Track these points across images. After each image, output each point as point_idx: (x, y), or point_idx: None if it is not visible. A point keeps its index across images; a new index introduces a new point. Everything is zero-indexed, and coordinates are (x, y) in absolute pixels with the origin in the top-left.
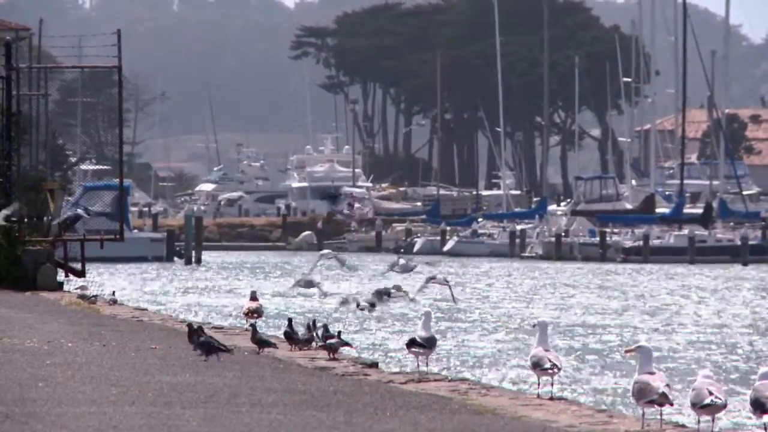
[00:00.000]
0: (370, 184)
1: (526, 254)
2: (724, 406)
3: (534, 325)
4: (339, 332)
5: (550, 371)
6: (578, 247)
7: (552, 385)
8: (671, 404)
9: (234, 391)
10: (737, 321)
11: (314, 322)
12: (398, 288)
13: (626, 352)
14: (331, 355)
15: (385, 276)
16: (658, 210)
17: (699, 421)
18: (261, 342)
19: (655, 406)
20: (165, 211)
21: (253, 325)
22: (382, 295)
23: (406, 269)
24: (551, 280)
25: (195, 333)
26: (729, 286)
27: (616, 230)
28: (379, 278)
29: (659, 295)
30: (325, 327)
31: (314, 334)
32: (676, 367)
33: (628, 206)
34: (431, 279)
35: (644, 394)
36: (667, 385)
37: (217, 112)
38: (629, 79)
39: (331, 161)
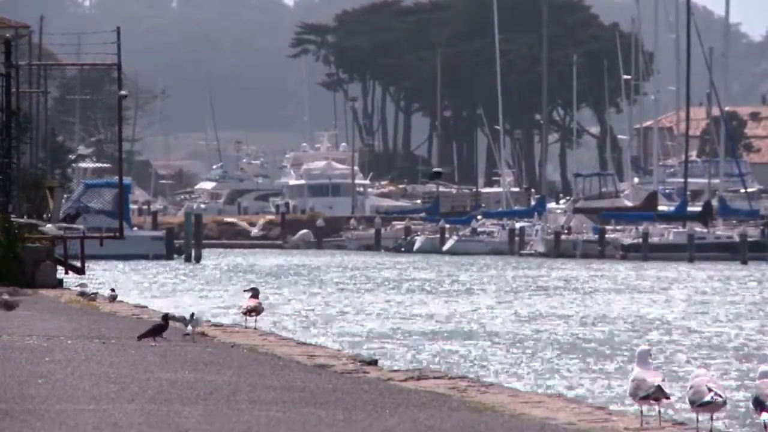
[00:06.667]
0: (368, 182)
1: (526, 252)
2: (725, 403)
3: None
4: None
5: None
6: (581, 245)
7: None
8: (667, 398)
9: (233, 389)
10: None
11: (192, 314)
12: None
13: None
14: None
15: None
16: (660, 208)
17: (698, 419)
18: None
19: (650, 401)
20: (164, 208)
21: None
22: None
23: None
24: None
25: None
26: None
27: (619, 228)
28: None
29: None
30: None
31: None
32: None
33: (628, 203)
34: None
35: (639, 390)
36: (663, 380)
37: (216, 110)
38: (629, 77)
39: (327, 158)
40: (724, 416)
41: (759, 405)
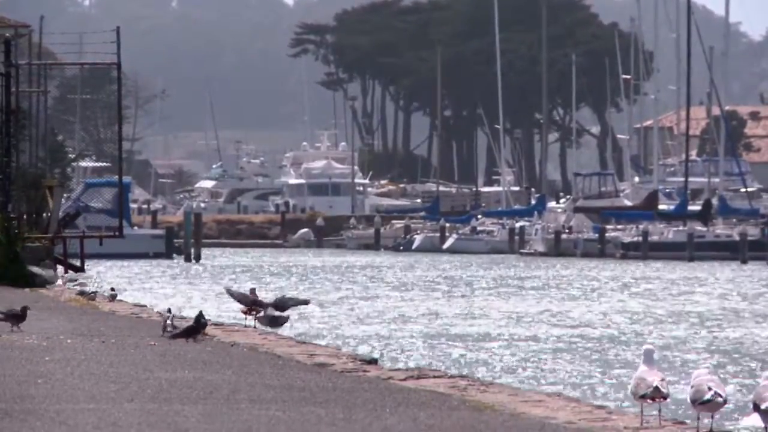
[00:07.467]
0: (367, 181)
1: (526, 251)
2: (725, 402)
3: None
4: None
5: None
6: (582, 243)
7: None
8: (664, 398)
9: (233, 388)
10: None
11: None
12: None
13: None
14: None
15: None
16: (660, 207)
17: (699, 418)
18: None
19: (648, 400)
20: (164, 208)
21: None
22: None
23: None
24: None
25: None
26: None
27: (620, 227)
28: None
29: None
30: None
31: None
32: (678, 364)
33: (627, 203)
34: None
35: (638, 390)
36: (663, 380)
37: (216, 110)
38: (628, 76)
39: (327, 158)
40: (724, 416)
41: (759, 409)
